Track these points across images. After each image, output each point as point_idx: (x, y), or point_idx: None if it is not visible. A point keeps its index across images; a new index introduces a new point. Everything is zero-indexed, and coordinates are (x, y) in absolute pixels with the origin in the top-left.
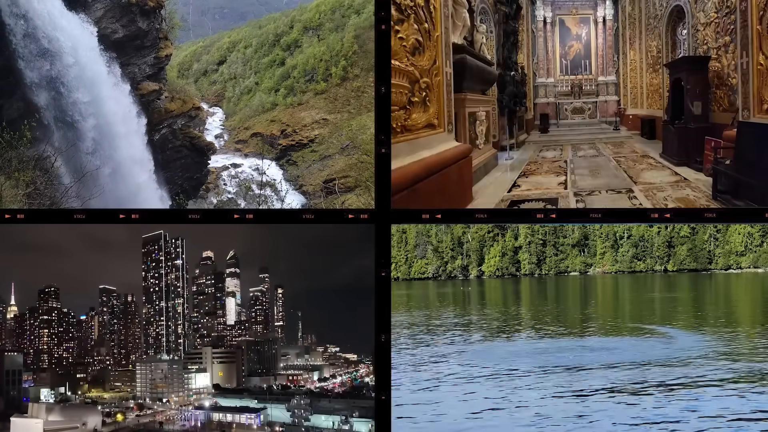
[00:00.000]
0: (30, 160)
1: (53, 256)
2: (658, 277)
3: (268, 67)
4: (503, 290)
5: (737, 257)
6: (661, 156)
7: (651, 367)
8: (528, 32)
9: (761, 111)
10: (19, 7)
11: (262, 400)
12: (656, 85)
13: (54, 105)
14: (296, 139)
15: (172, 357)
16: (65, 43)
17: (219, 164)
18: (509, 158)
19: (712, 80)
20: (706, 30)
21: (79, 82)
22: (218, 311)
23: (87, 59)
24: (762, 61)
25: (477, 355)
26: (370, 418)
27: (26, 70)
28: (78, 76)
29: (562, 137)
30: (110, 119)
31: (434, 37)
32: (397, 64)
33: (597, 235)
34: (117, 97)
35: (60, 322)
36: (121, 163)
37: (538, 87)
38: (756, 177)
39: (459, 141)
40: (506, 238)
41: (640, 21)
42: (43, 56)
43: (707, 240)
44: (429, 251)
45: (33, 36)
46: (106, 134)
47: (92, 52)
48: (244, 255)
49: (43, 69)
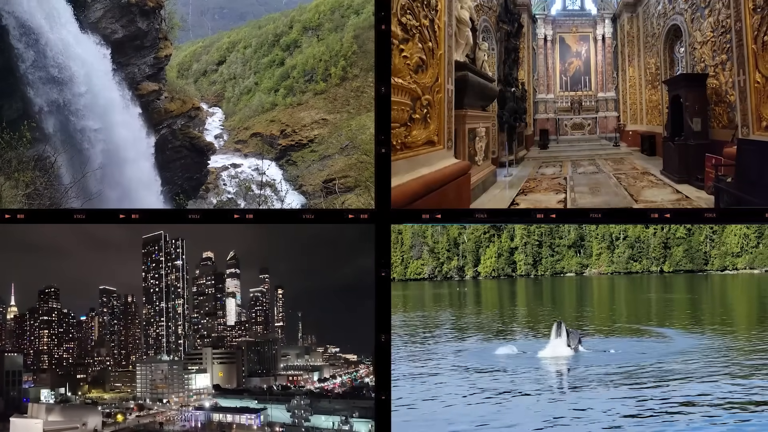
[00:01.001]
0: (30, 160)
1: (53, 257)
2: (654, 278)
3: (267, 68)
4: (499, 291)
5: (733, 258)
6: (661, 173)
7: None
8: (528, 49)
9: (760, 128)
10: (30, 36)
11: (262, 400)
12: (655, 101)
13: (62, 130)
14: (296, 139)
15: (172, 357)
16: (78, 71)
17: (219, 164)
18: (508, 174)
19: (711, 97)
20: (703, 48)
21: (90, 111)
22: (218, 312)
23: (100, 87)
24: (759, 79)
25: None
26: (370, 418)
27: (36, 97)
28: (89, 104)
29: (562, 153)
30: (120, 145)
31: (437, 55)
32: (399, 82)
33: (593, 236)
34: (127, 121)
35: (60, 322)
36: (130, 187)
37: (538, 103)
38: (757, 195)
39: (458, 157)
40: (502, 239)
41: (639, 39)
42: (53, 83)
43: (703, 241)
44: (425, 252)
45: (44, 65)
46: (114, 160)
47: (106, 77)
48: (244, 255)
49: (52, 96)
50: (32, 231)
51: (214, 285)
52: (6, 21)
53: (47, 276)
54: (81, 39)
